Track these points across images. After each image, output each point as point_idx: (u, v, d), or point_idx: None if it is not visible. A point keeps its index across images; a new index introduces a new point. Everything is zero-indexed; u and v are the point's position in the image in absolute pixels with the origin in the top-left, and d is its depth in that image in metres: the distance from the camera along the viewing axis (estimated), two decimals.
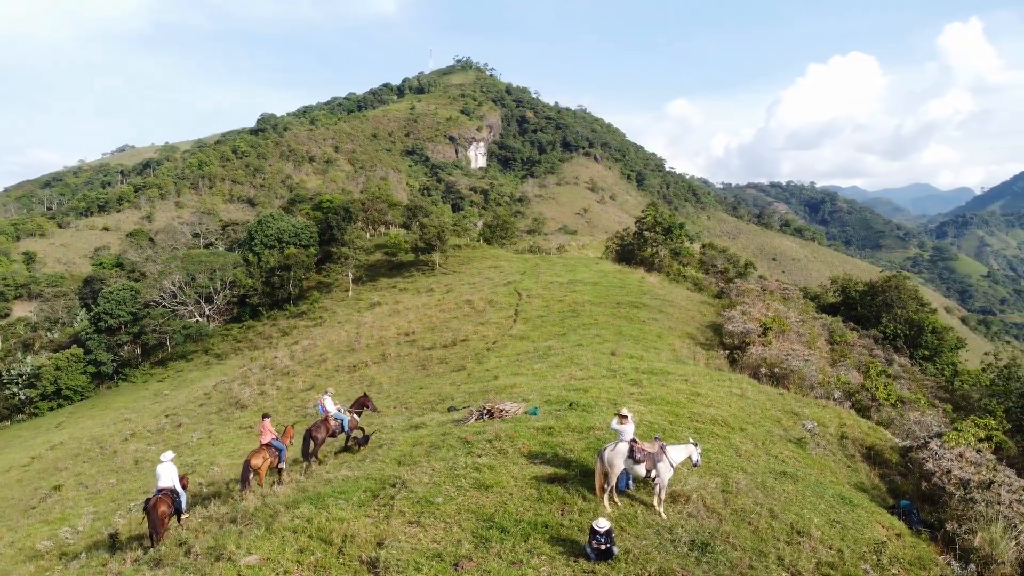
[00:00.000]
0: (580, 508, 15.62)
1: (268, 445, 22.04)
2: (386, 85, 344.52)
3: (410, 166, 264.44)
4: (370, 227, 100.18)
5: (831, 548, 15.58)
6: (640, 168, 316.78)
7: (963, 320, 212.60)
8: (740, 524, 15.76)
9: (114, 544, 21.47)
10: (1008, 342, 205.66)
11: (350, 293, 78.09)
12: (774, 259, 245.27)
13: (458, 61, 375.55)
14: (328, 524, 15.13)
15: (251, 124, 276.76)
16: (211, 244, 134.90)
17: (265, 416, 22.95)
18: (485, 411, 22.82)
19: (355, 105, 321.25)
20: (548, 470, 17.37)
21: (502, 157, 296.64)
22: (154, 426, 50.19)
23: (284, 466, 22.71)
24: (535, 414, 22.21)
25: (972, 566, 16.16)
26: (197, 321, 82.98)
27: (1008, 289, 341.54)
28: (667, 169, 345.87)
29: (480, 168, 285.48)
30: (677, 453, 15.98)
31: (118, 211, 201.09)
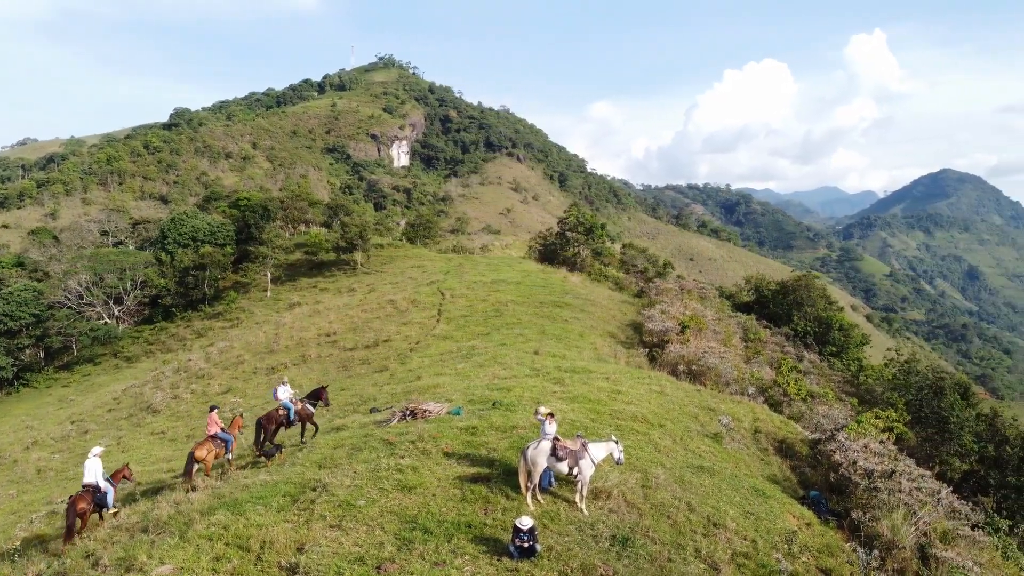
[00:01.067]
0: (504, 507, 15.69)
1: (214, 437, 22.07)
2: (306, 81, 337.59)
3: (331, 164, 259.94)
4: (290, 226, 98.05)
5: (746, 539, 16.11)
6: (563, 169, 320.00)
7: (868, 318, 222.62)
8: (659, 518, 16.13)
9: (14, 558, 20.38)
10: (908, 338, 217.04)
11: (268, 293, 76.25)
12: (691, 259, 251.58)
13: (380, 59, 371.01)
14: (246, 530, 14.73)
15: (164, 119, 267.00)
16: (121, 243, 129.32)
17: (212, 408, 23.01)
18: (408, 412, 22.65)
19: (274, 101, 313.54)
20: (472, 470, 17.38)
21: (425, 156, 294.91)
22: (58, 433, 47.76)
23: (232, 456, 22.72)
24: (459, 414, 22.18)
25: (876, 552, 16.97)
26: (106, 323, 79.42)
27: (908, 288, 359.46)
28: (589, 170, 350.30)
29: (403, 167, 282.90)
30: (599, 450, 16.23)
31: (19, 207, 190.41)
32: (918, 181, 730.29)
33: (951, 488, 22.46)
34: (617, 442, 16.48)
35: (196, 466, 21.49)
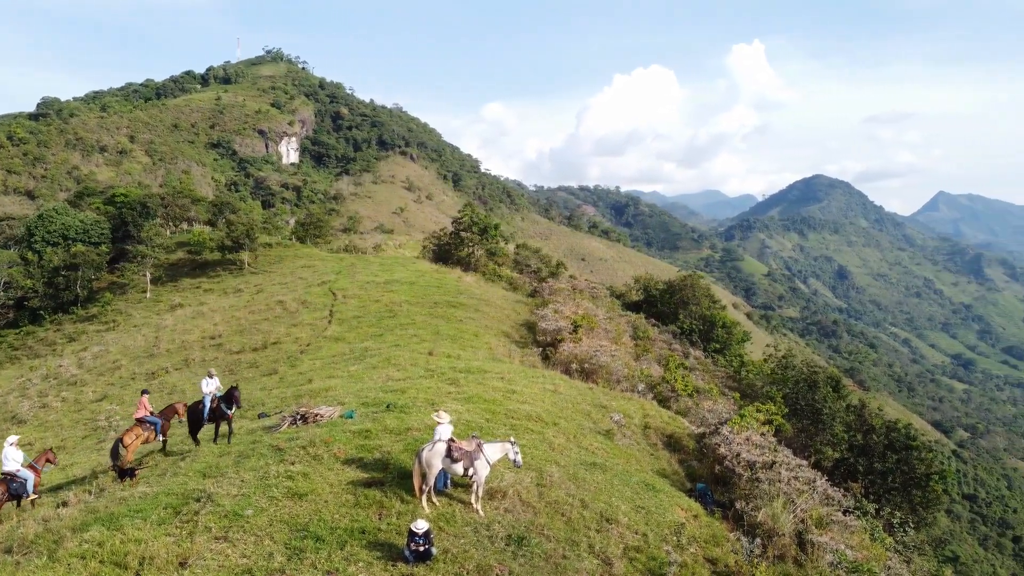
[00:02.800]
0: (398, 511, 15.48)
1: (141, 421, 21.78)
2: (189, 73, 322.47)
3: (216, 160, 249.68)
4: (171, 224, 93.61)
5: (637, 533, 16.52)
6: (456, 169, 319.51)
7: (748, 315, 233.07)
8: (554, 516, 16.31)
9: None
10: (785, 335, 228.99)
11: (148, 294, 72.50)
12: (583, 259, 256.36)
13: (268, 52, 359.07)
14: (123, 547, 13.88)
15: (30, 108, 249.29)
16: None
17: (144, 392, 22.92)
18: (299, 416, 22.03)
19: (153, 93, 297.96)
20: (365, 474, 17.06)
21: (316, 153, 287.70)
22: None
23: (164, 438, 22.65)
24: (351, 417, 21.74)
25: (758, 539, 17.75)
26: None
27: (785, 287, 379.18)
28: (483, 171, 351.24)
29: (292, 164, 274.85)
30: (494, 451, 16.25)
31: None
32: (793, 186, 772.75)
33: (825, 476, 23.80)
34: (514, 443, 16.53)
35: (122, 451, 21.18)
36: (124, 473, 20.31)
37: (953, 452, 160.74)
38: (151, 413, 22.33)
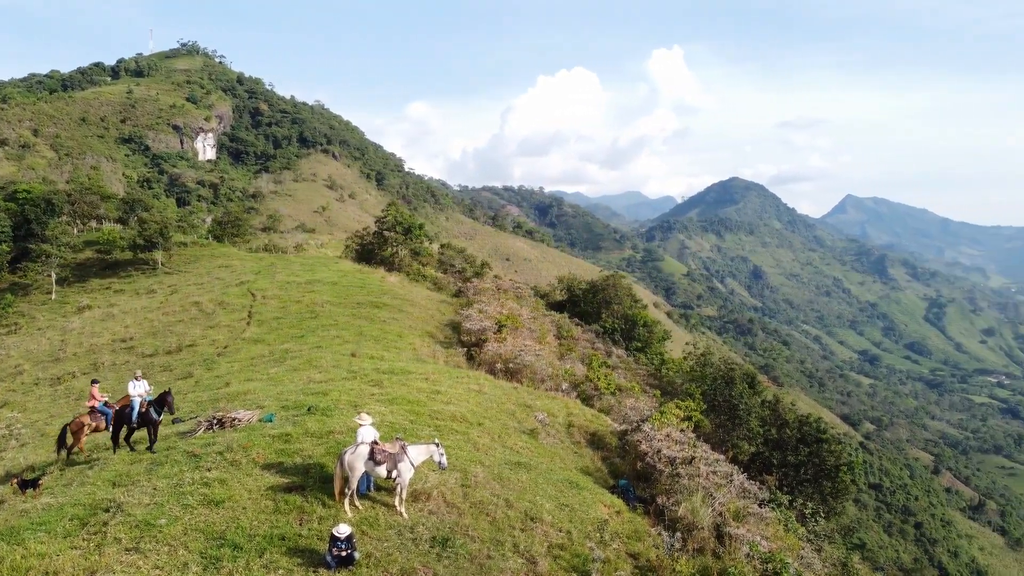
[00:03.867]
0: (320, 516, 15.18)
1: (93, 410, 21.46)
2: (98, 64, 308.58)
3: (127, 156, 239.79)
4: (78, 222, 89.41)
5: (561, 531, 16.65)
6: (380, 168, 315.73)
7: (668, 314, 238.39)
8: (479, 516, 16.29)
9: None
10: (703, 333, 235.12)
11: (53, 296, 69.08)
12: (508, 259, 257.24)
13: (183, 45, 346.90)
14: (24, 562, 13.12)
15: None
16: None
17: (94, 382, 22.48)
18: (215, 421, 21.36)
19: (59, 84, 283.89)
20: (286, 479, 16.66)
21: (233, 150, 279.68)
22: None
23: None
24: (271, 421, 21.21)
25: (678, 534, 18.14)
26: None
27: (703, 286, 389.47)
28: (406, 170, 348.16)
29: (209, 161, 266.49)
30: (418, 453, 16.11)
31: None
32: (711, 188, 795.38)
33: (741, 470, 24.54)
34: (438, 444, 16.43)
35: (69, 438, 21.06)
36: (26, 484, 19.23)
37: (860, 444, 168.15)
38: (105, 403, 21.78)
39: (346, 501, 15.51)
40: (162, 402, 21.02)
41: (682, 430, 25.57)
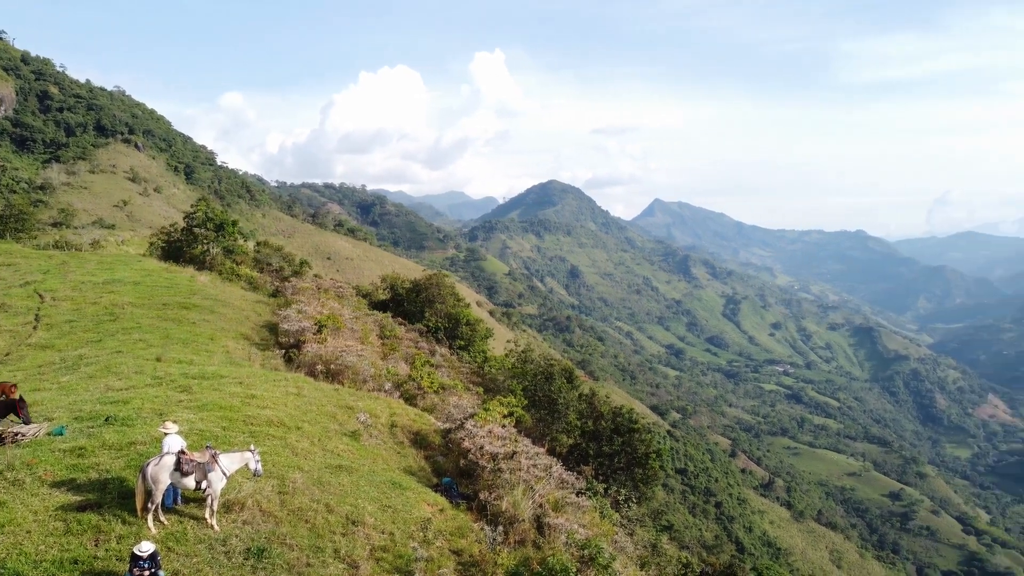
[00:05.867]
0: (119, 534, 14.00)
1: None
2: None
3: None
4: None
5: (384, 532, 16.45)
6: (189, 161, 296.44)
7: (491, 313, 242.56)
8: (297, 523, 15.73)
9: None
10: (524, 330, 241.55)
11: None
12: (329, 258, 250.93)
13: None
14: None
15: None
16: None
17: None
18: None
19: None
20: (79, 497, 15.20)
21: (18, 137, 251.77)
22: None
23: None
24: (61, 434, 19.26)
25: (500, 527, 18.50)
26: None
27: (524, 285, 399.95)
28: (219, 163, 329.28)
29: None
30: (232, 461, 15.28)
31: None
32: (531, 190, 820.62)
33: (560, 461, 25.45)
34: (254, 451, 15.68)
35: None
36: None
37: (668, 432, 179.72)
38: None
39: (150, 517, 14.40)
40: (11, 408, 18.55)
41: (504, 426, 26.08)
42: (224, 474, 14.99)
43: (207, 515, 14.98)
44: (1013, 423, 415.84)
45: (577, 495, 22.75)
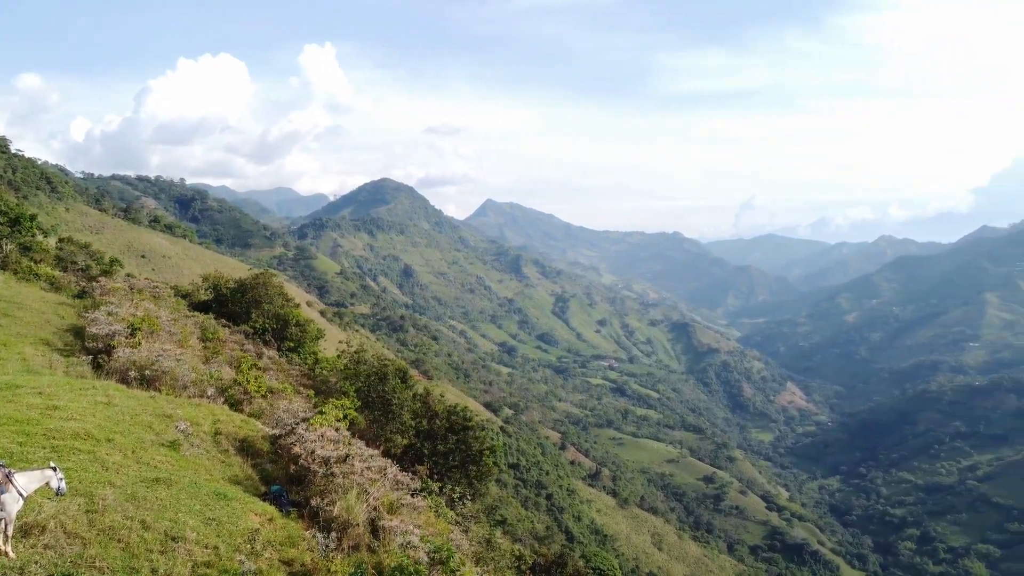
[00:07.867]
0: None
1: None
2: None
3: None
4: None
5: (207, 547, 15.55)
6: None
7: (322, 313, 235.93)
8: (109, 544, 14.53)
9: None
10: (357, 330, 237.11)
11: None
12: (143, 256, 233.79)
13: None
14: None
15: None
16: None
17: None
18: None
19: None
20: None
21: None
22: None
23: None
24: None
25: (333, 533, 18.04)
26: None
27: (356, 285, 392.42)
28: (14, 151, 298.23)
29: None
30: (29, 481, 13.80)
31: None
32: (363, 187, 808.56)
33: (395, 462, 25.21)
34: (55, 469, 14.26)
35: None
36: None
37: (501, 428, 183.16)
38: None
39: None
40: None
41: (337, 429, 25.47)
42: (20, 495, 13.52)
43: (1, 542, 13.48)
44: (807, 408, 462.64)
45: (412, 495, 22.61)
